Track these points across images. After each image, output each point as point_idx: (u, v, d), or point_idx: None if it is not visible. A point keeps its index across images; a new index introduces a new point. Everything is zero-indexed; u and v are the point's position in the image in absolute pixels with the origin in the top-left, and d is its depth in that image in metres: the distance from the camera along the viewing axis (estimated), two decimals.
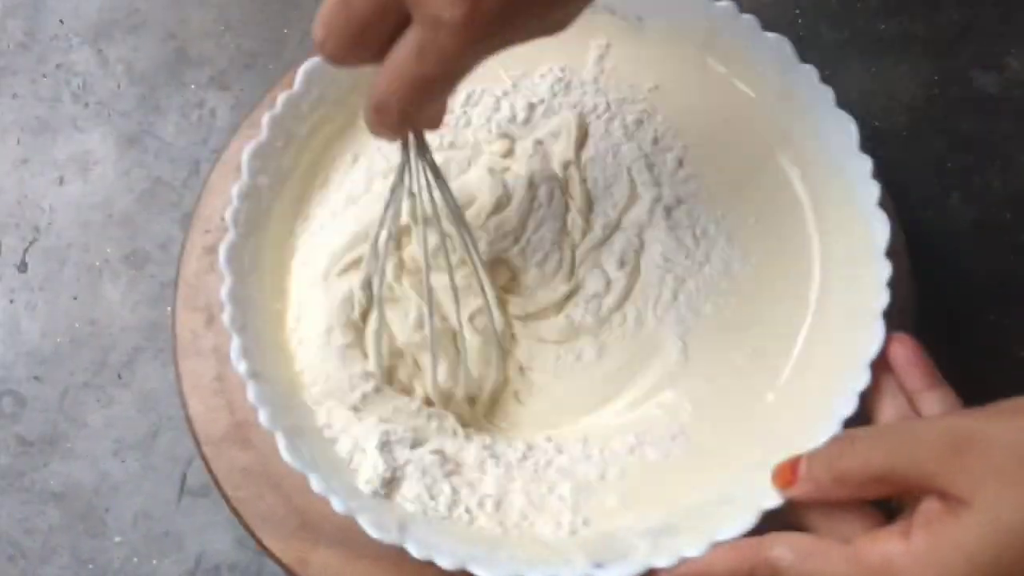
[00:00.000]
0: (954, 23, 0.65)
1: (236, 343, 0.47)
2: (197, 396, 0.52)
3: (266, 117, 0.50)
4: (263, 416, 0.45)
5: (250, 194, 0.50)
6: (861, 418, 0.45)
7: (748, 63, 0.53)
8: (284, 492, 0.49)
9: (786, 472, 0.43)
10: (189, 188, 0.62)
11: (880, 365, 0.46)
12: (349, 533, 0.45)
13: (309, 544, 0.48)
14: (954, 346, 0.53)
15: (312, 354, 0.50)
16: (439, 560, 0.43)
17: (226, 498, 0.50)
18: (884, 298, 0.46)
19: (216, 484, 0.50)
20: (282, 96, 0.51)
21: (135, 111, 0.65)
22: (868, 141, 0.49)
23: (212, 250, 0.54)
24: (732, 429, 0.49)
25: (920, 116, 0.62)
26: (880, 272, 0.47)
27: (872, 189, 0.48)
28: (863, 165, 0.48)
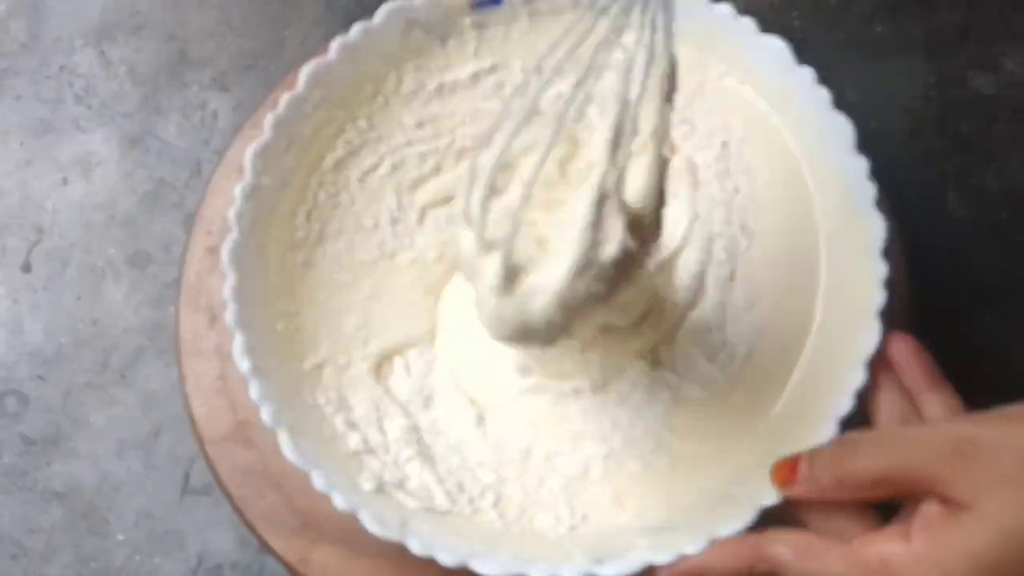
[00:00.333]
0: (951, 24, 0.65)
1: (239, 341, 0.47)
2: (199, 396, 0.52)
3: (269, 118, 0.51)
4: (265, 414, 0.46)
5: (253, 194, 0.50)
6: (858, 417, 0.45)
7: (746, 65, 0.53)
8: (286, 491, 0.50)
9: (785, 471, 0.42)
10: (191, 189, 0.63)
11: (879, 364, 0.46)
12: (351, 532, 0.45)
13: (311, 543, 0.49)
14: (952, 346, 0.53)
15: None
16: (440, 556, 0.43)
17: (228, 497, 0.50)
18: (881, 298, 0.46)
19: (218, 483, 0.51)
20: (285, 97, 0.51)
21: (137, 112, 0.65)
22: (865, 142, 0.49)
23: (214, 251, 0.54)
24: (730, 428, 0.49)
25: (917, 117, 0.63)
26: (877, 272, 0.47)
27: (869, 189, 0.48)
28: (860, 165, 0.49)
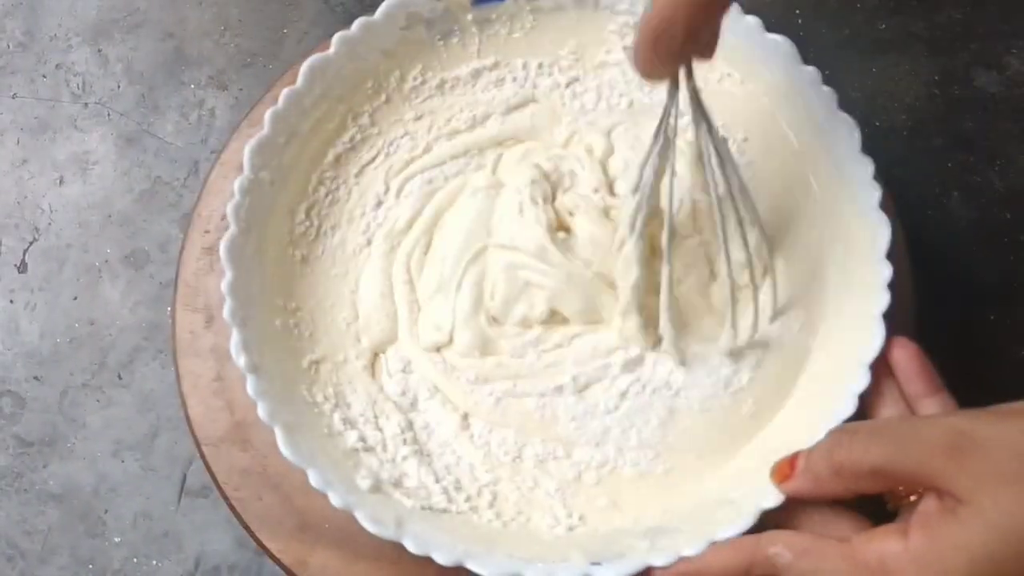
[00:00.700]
0: (954, 22, 0.64)
1: (236, 337, 0.46)
2: (196, 396, 0.52)
3: (268, 113, 0.50)
4: (262, 410, 0.45)
5: (252, 189, 0.49)
6: (860, 419, 0.45)
7: (751, 64, 0.53)
8: (284, 492, 0.49)
9: (784, 468, 0.43)
10: (188, 188, 0.62)
11: (880, 368, 0.46)
12: (348, 534, 0.45)
13: (308, 545, 0.48)
14: (954, 345, 0.52)
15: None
16: (436, 556, 0.43)
17: (226, 499, 0.50)
18: (884, 300, 0.46)
19: (216, 484, 0.50)
20: (285, 92, 0.51)
21: (134, 111, 0.64)
22: (868, 140, 0.49)
23: (212, 250, 0.54)
24: (732, 431, 0.49)
25: (920, 115, 0.62)
26: (881, 274, 0.47)
27: (873, 191, 0.48)
28: (865, 167, 0.48)
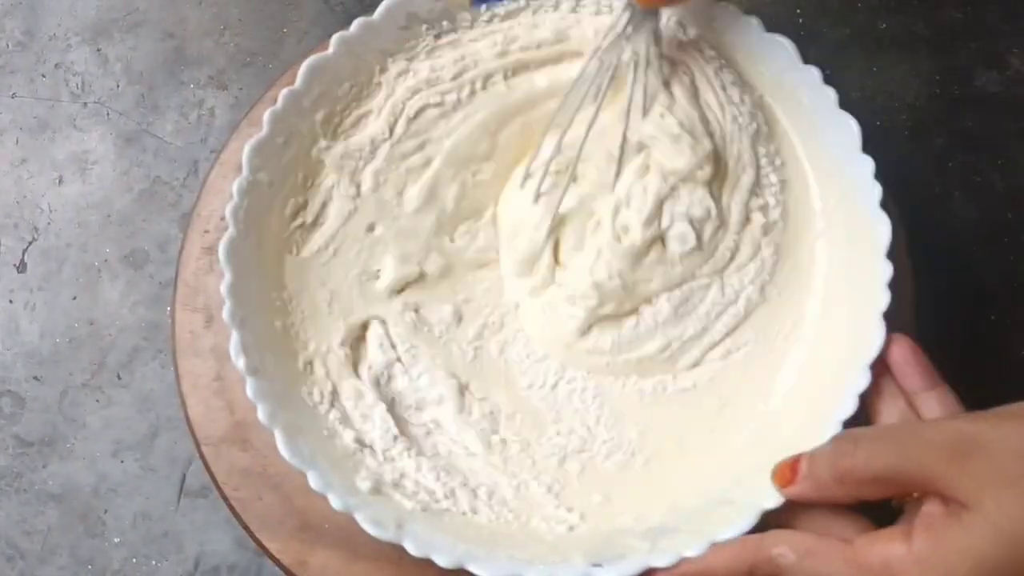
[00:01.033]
0: (955, 21, 0.64)
1: (235, 338, 0.46)
2: (196, 396, 0.52)
3: (267, 113, 0.50)
4: (262, 412, 0.45)
5: (250, 190, 0.49)
6: (861, 419, 0.45)
7: (751, 63, 0.52)
8: (283, 493, 0.49)
9: (786, 471, 0.42)
10: (188, 188, 0.62)
11: (880, 366, 0.45)
12: (348, 534, 0.45)
13: (308, 545, 0.48)
14: (955, 345, 0.52)
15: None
16: (437, 558, 0.43)
17: (225, 499, 0.50)
18: (885, 299, 0.46)
19: (215, 485, 0.50)
20: (283, 92, 0.50)
21: (134, 110, 0.64)
22: (869, 139, 0.49)
23: (211, 250, 0.53)
24: (733, 431, 0.49)
25: (921, 114, 0.62)
26: (881, 273, 0.47)
27: (874, 190, 0.48)
28: (865, 166, 0.48)
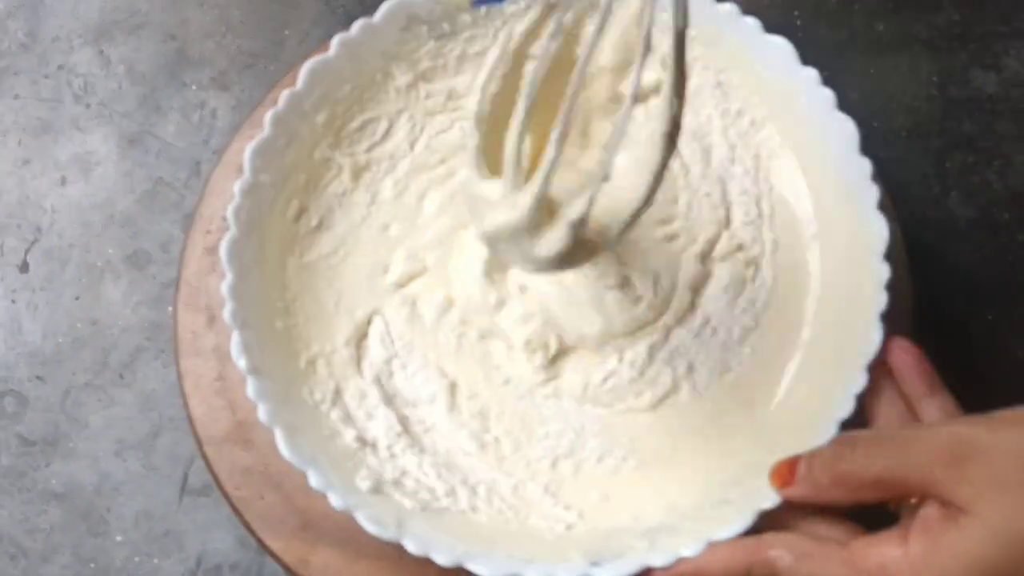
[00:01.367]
0: (953, 23, 0.64)
1: (236, 339, 0.47)
2: (198, 396, 0.52)
3: (269, 115, 0.50)
4: (262, 412, 0.45)
5: (252, 191, 0.49)
6: (859, 421, 0.45)
7: (749, 64, 0.53)
8: (285, 492, 0.49)
9: (784, 472, 0.42)
10: (190, 188, 0.63)
11: (879, 368, 0.45)
12: (350, 533, 0.45)
13: (310, 544, 0.48)
14: (953, 346, 0.52)
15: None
16: (436, 557, 0.43)
17: (227, 498, 0.50)
18: (883, 301, 0.46)
19: (217, 484, 0.50)
20: (285, 94, 0.51)
21: (136, 112, 0.65)
22: (867, 141, 0.49)
23: (213, 250, 0.54)
24: (731, 432, 0.49)
25: (919, 116, 0.62)
26: (879, 274, 0.47)
27: (872, 192, 0.48)
28: (863, 167, 0.48)
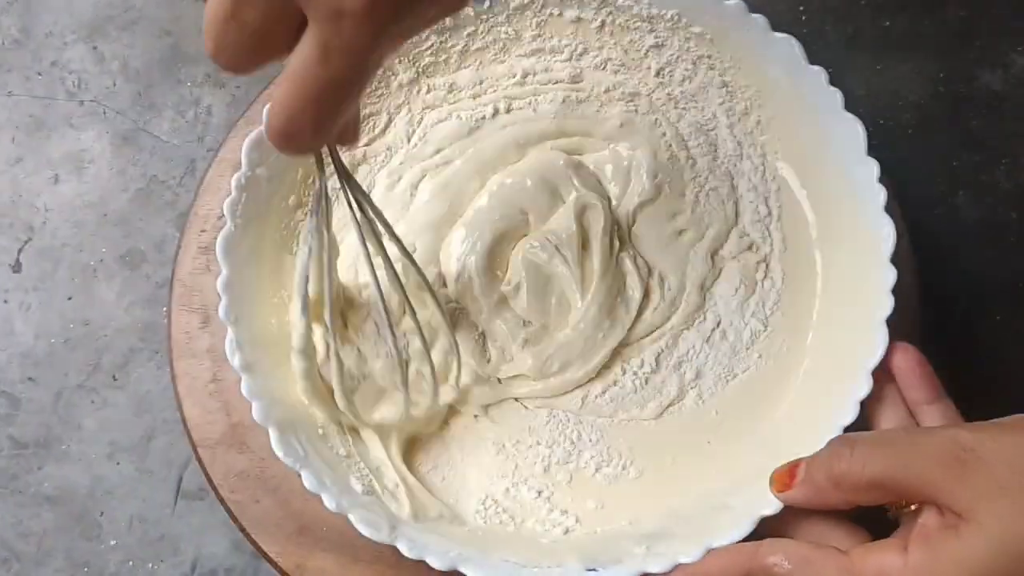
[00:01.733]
0: (959, 20, 0.64)
1: (231, 335, 0.46)
2: (193, 399, 0.51)
3: (265, 108, 0.50)
4: (256, 410, 0.44)
5: (248, 185, 0.49)
6: (862, 426, 0.45)
7: (756, 63, 0.52)
8: (281, 496, 0.49)
9: (784, 476, 0.42)
10: (184, 187, 0.62)
11: (883, 374, 0.45)
12: (346, 538, 0.45)
13: (306, 549, 0.48)
14: (960, 344, 0.52)
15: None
16: (431, 560, 0.42)
17: (223, 501, 0.49)
18: (888, 305, 0.46)
19: (212, 487, 0.50)
20: None
21: (130, 109, 0.64)
22: (874, 139, 0.49)
23: (208, 249, 0.53)
24: (733, 438, 0.49)
25: (926, 114, 0.62)
26: (884, 278, 0.46)
27: (878, 194, 0.47)
28: (869, 169, 0.48)
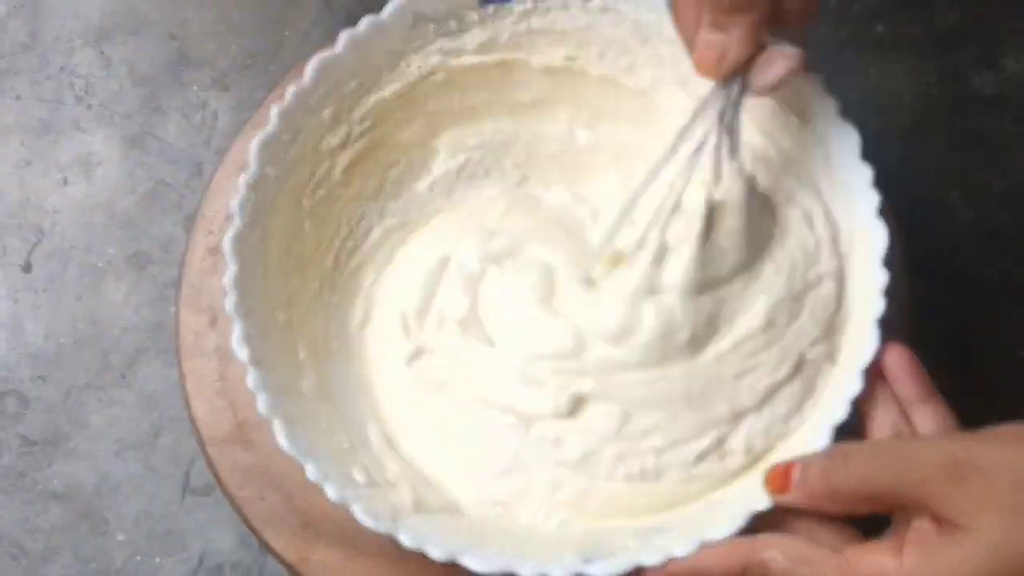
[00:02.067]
0: (952, 23, 0.64)
1: (238, 329, 0.46)
2: (200, 397, 0.52)
3: (274, 109, 0.50)
4: (261, 402, 0.45)
5: (257, 185, 0.49)
6: (855, 425, 0.45)
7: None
8: (286, 491, 0.49)
9: (779, 478, 0.42)
10: (191, 189, 0.63)
11: (876, 373, 0.45)
12: (350, 532, 0.45)
13: (311, 543, 0.48)
14: (954, 345, 0.52)
15: None
16: (431, 551, 0.43)
17: (229, 497, 0.50)
18: (880, 306, 0.46)
19: (219, 484, 0.51)
20: (291, 89, 0.51)
21: (137, 112, 0.65)
22: (867, 141, 0.49)
23: (215, 251, 0.54)
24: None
25: (919, 116, 0.62)
26: (877, 280, 0.46)
27: (873, 198, 0.48)
28: (864, 175, 0.48)
